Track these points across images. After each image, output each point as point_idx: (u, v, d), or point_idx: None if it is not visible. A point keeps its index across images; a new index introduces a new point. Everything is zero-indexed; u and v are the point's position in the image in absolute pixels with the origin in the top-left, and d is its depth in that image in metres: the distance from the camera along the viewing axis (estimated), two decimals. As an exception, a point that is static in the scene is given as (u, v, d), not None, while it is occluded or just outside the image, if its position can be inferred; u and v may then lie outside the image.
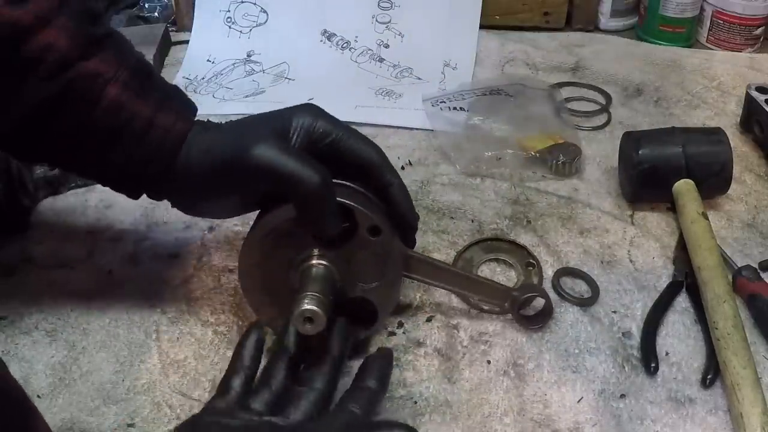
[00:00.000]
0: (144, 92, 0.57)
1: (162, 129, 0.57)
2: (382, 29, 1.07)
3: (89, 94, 0.55)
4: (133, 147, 0.57)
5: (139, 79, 0.57)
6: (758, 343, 0.64)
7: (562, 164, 0.83)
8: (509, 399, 0.60)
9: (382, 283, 0.60)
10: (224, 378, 0.53)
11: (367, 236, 0.57)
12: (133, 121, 0.56)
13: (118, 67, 0.56)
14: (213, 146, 0.58)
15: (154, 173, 0.58)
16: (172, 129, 0.57)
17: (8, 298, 0.68)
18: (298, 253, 0.58)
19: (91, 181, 0.73)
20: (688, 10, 1.07)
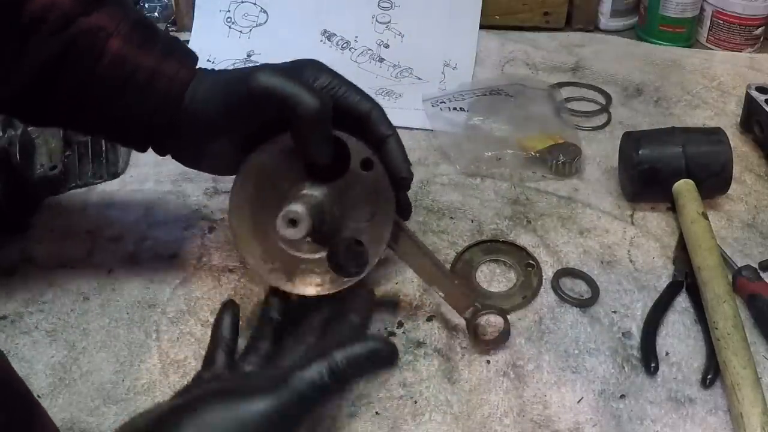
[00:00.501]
0: (146, 44, 0.59)
1: (166, 78, 0.58)
2: (382, 29, 1.07)
3: (92, 48, 0.56)
4: (138, 98, 0.58)
5: (140, 31, 0.59)
6: (758, 343, 0.64)
7: (562, 164, 0.83)
8: (509, 399, 0.60)
9: (373, 222, 0.58)
10: (207, 353, 0.55)
11: (359, 170, 0.56)
12: (137, 72, 0.57)
13: (119, 21, 0.57)
14: (217, 82, 0.59)
15: (161, 123, 0.59)
16: (176, 77, 0.59)
17: (8, 298, 0.69)
18: (290, 187, 0.57)
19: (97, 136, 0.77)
20: (688, 10, 1.07)
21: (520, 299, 0.68)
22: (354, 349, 0.45)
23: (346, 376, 0.44)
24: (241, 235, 0.60)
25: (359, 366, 0.45)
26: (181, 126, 0.59)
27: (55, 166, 0.80)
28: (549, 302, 0.68)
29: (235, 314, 0.57)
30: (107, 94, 0.58)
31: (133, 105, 0.58)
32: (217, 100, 0.58)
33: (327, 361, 0.44)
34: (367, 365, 0.46)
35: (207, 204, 0.79)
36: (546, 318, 0.66)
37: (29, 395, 0.44)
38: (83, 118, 0.60)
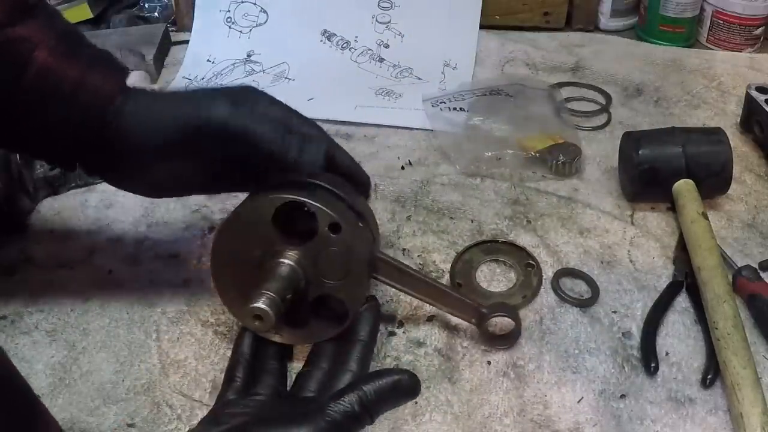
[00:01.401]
0: (72, 55, 0.57)
1: (90, 90, 0.57)
2: (382, 29, 1.07)
3: (18, 59, 0.55)
4: (62, 110, 0.56)
5: (66, 43, 0.57)
6: (758, 343, 0.64)
7: (562, 164, 0.83)
8: (509, 399, 0.60)
9: (349, 280, 0.58)
10: (227, 369, 0.58)
11: (328, 233, 0.56)
12: (62, 84, 0.56)
13: (46, 32, 0.56)
14: (158, 105, 0.58)
15: (87, 139, 0.57)
16: (99, 90, 0.57)
17: (8, 298, 0.68)
18: (263, 251, 0.58)
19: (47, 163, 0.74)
20: (688, 10, 1.07)
21: (520, 299, 0.68)
22: (382, 383, 0.49)
23: (376, 407, 0.49)
24: (222, 283, 0.61)
25: (386, 397, 0.50)
26: (111, 145, 0.58)
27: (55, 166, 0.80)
28: (549, 302, 0.68)
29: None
30: (32, 108, 0.56)
31: (57, 118, 0.57)
32: (159, 125, 0.57)
33: (358, 394, 0.48)
34: (393, 396, 0.50)
35: (207, 204, 0.79)
36: (546, 318, 0.66)
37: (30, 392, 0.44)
38: (7, 134, 0.59)
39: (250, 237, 0.58)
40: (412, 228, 0.76)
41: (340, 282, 0.58)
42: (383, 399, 0.49)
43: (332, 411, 0.47)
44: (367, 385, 0.49)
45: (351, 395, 0.48)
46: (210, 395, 0.60)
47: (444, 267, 0.71)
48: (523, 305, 0.67)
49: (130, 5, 1.17)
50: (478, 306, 0.62)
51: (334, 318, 0.59)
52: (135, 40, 1.05)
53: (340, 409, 0.48)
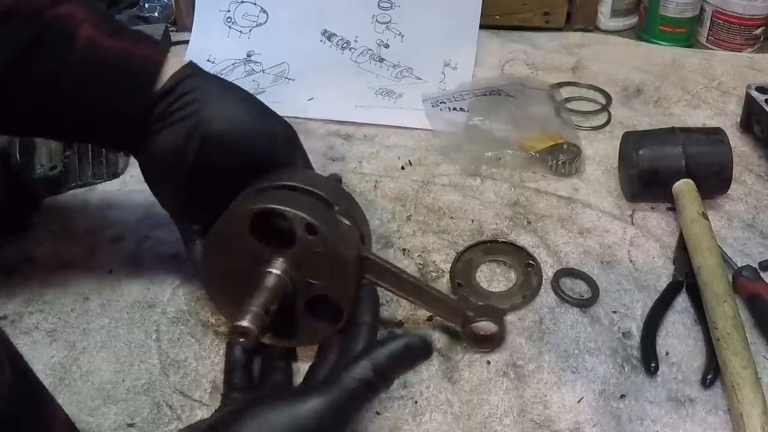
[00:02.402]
0: (116, 31, 0.59)
1: (141, 57, 0.59)
2: (382, 29, 1.07)
3: (64, 34, 0.56)
4: (112, 82, 0.58)
5: (108, 21, 0.59)
6: (758, 343, 0.64)
7: (562, 164, 0.83)
8: (509, 400, 0.60)
9: (337, 280, 0.57)
10: (225, 377, 0.57)
11: (306, 236, 0.56)
12: (110, 57, 0.58)
13: (89, 11, 0.58)
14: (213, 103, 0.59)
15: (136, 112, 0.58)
16: (151, 57, 0.59)
17: (8, 298, 0.69)
18: (251, 260, 0.57)
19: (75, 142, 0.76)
20: (688, 10, 1.07)
21: (520, 299, 0.68)
22: (393, 346, 0.48)
23: (390, 371, 0.48)
24: (219, 299, 0.61)
25: (399, 361, 0.49)
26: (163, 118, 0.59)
27: (55, 166, 0.80)
28: (549, 302, 0.68)
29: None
30: (83, 80, 0.57)
31: (107, 91, 0.58)
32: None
33: (371, 360, 0.47)
34: (406, 359, 0.49)
35: (207, 204, 0.79)
36: (546, 318, 0.66)
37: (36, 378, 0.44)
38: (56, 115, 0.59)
39: (234, 251, 0.57)
40: (412, 228, 0.76)
41: (329, 283, 0.57)
42: (396, 363, 0.48)
43: (346, 380, 0.47)
44: (379, 350, 0.48)
45: (363, 362, 0.47)
46: (210, 395, 0.60)
47: (444, 267, 0.71)
48: (523, 305, 0.67)
49: (130, 5, 1.17)
50: (462, 309, 0.62)
51: (331, 317, 0.58)
52: (135, 40, 1.05)
53: (353, 377, 0.47)
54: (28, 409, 0.41)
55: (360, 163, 0.86)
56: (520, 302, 0.67)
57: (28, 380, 0.43)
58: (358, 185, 0.82)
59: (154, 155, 0.60)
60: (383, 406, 0.59)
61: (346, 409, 0.47)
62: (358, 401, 0.48)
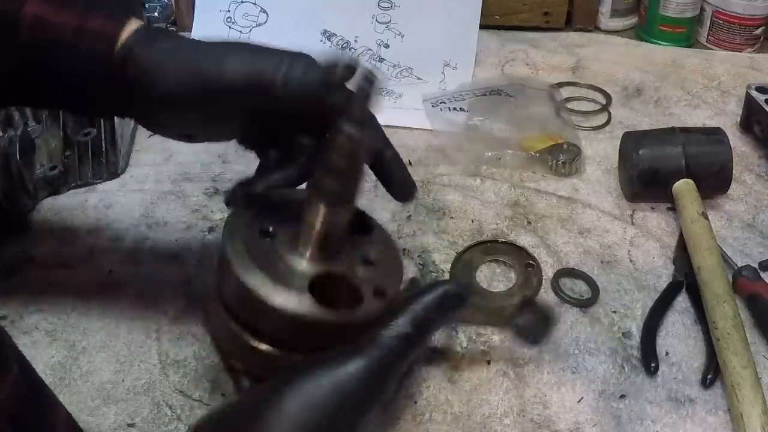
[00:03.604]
0: (65, 2, 0.54)
1: (90, 34, 0.53)
2: (382, 29, 1.07)
3: (7, 15, 0.53)
4: (66, 58, 0.54)
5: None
6: (758, 343, 0.64)
7: (562, 164, 0.83)
8: (509, 400, 0.60)
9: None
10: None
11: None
12: (60, 32, 0.53)
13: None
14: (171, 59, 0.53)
15: (100, 84, 0.54)
16: (102, 32, 0.54)
17: (8, 298, 0.68)
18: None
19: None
20: (688, 10, 1.07)
21: (520, 299, 0.68)
22: (429, 297, 0.47)
23: (428, 324, 0.47)
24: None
25: (437, 312, 0.47)
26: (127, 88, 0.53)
27: (55, 166, 0.80)
28: (549, 302, 0.68)
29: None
30: (34, 61, 0.54)
31: (62, 67, 0.54)
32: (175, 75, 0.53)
33: (409, 315, 0.46)
34: (443, 309, 0.48)
35: (207, 204, 0.79)
36: (546, 318, 0.66)
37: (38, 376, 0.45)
38: (19, 90, 0.56)
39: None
40: (412, 228, 0.76)
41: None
42: (434, 315, 0.47)
43: (384, 338, 0.45)
44: (415, 304, 0.47)
45: (401, 319, 0.46)
46: (210, 395, 0.60)
47: (444, 267, 0.71)
48: (523, 305, 0.67)
49: (130, 5, 1.17)
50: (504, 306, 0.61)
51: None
52: (135, 40, 1.05)
53: (392, 335, 0.45)
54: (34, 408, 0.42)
55: (360, 163, 0.86)
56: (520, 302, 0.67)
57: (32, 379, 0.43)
58: (358, 185, 0.82)
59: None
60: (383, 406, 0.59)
61: (388, 368, 0.45)
62: (399, 359, 0.46)
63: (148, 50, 0.53)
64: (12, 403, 0.39)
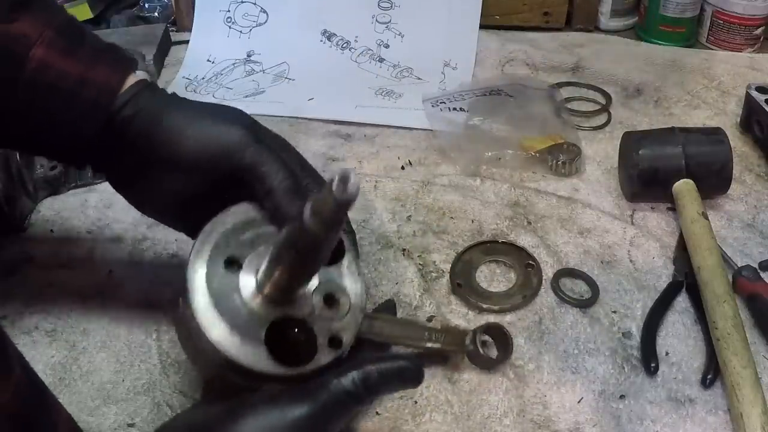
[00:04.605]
0: (72, 50, 0.56)
1: (92, 85, 0.55)
2: (382, 29, 1.07)
3: (15, 56, 0.54)
4: (65, 106, 0.55)
5: (66, 37, 0.56)
6: (758, 343, 0.64)
7: (562, 164, 0.83)
8: (509, 400, 0.60)
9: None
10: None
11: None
12: (63, 80, 0.55)
13: (43, 28, 0.55)
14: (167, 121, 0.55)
15: (92, 136, 0.56)
16: (103, 84, 0.55)
17: (8, 298, 0.68)
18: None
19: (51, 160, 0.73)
20: (688, 10, 1.07)
21: (520, 299, 0.68)
22: (386, 365, 0.49)
23: (377, 388, 0.48)
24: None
25: (389, 380, 0.49)
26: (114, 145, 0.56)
27: (55, 166, 0.80)
28: (549, 302, 0.68)
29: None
30: (33, 104, 0.55)
31: (59, 114, 0.55)
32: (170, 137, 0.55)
33: (363, 372, 0.48)
34: (395, 381, 0.49)
35: (207, 204, 0.79)
36: (546, 318, 0.66)
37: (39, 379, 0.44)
38: (13, 132, 0.57)
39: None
40: (412, 228, 0.76)
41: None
42: (386, 383, 0.49)
43: (335, 387, 0.47)
44: (372, 365, 0.48)
45: (355, 373, 0.47)
46: (210, 395, 0.60)
47: (444, 267, 0.71)
48: (523, 305, 0.67)
49: (130, 5, 1.17)
50: (461, 333, 0.61)
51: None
52: (135, 40, 1.05)
53: (343, 385, 0.47)
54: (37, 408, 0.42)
55: (360, 163, 0.86)
56: (520, 302, 0.67)
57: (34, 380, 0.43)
58: (358, 185, 0.82)
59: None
60: (383, 407, 0.59)
61: (332, 416, 0.47)
62: (343, 410, 0.48)
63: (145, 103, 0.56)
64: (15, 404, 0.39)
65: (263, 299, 0.51)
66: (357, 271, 0.57)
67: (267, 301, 0.51)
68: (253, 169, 0.54)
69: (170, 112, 0.56)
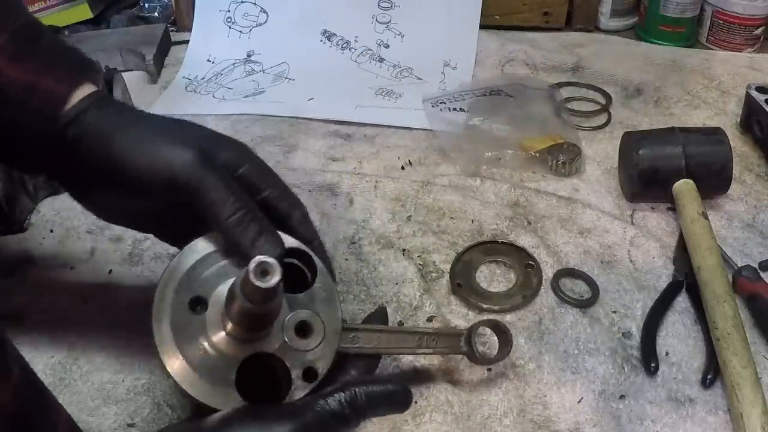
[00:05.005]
0: (22, 57, 0.53)
1: (41, 93, 0.52)
2: (382, 29, 1.07)
3: None
4: (12, 115, 0.52)
5: (19, 43, 0.53)
6: (758, 343, 0.64)
7: (562, 164, 0.83)
8: (509, 400, 0.60)
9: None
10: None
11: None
12: (9, 88, 0.52)
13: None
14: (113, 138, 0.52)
15: (42, 145, 0.53)
16: (51, 93, 0.52)
17: (8, 298, 0.68)
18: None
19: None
20: (688, 10, 1.07)
21: (520, 299, 0.68)
22: (374, 388, 0.48)
23: (364, 410, 0.48)
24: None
25: (376, 405, 0.48)
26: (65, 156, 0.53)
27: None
28: (549, 302, 0.68)
29: None
30: None
31: (7, 123, 0.52)
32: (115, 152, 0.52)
33: (349, 394, 0.47)
34: (383, 405, 0.49)
35: (207, 204, 0.79)
36: (546, 318, 0.66)
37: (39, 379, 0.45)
38: None
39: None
40: (412, 228, 0.76)
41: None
42: (373, 406, 0.48)
43: (320, 408, 0.46)
44: (360, 387, 0.48)
45: (342, 395, 0.47)
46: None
47: (444, 267, 0.71)
48: (523, 305, 0.67)
49: (130, 5, 1.17)
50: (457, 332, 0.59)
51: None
52: (135, 40, 1.05)
53: (329, 406, 0.47)
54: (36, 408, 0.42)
55: (360, 163, 0.86)
56: (520, 302, 0.67)
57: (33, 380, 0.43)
58: (358, 185, 0.82)
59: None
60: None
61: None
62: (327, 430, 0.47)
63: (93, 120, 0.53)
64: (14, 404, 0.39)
65: (230, 339, 0.50)
66: (332, 294, 0.54)
67: (235, 340, 0.50)
68: (201, 197, 0.51)
69: (118, 132, 0.53)
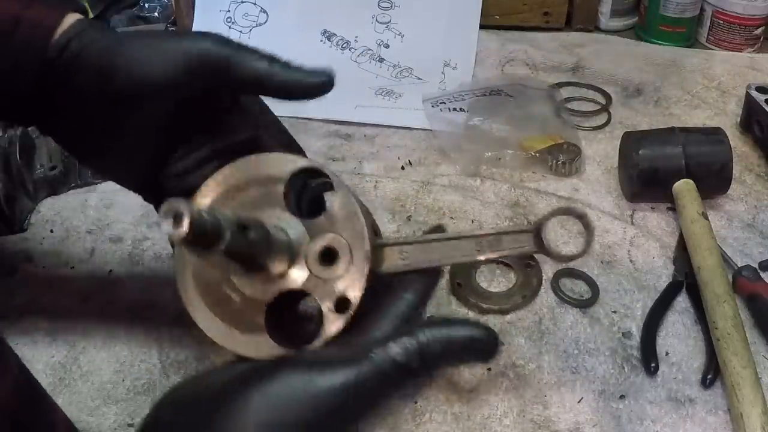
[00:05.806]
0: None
1: (28, 23, 0.49)
2: (382, 29, 1.07)
3: None
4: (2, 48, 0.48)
5: None
6: (758, 343, 0.64)
7: (562, 164, 0.83)
8: (509, 400, 0.60)
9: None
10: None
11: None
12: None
13: None
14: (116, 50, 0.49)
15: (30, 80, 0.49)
16: (40, 22, 0.49)
17: (8, 298, 0.68)
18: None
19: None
20: (688, 10, 1.07)
21: (520, 299, 0.68)
22: (453, 332, 0.39)
23: (436, 361, 0.39)
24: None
25: (452, 353, 0.39)
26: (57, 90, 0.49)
27: (55, 166, 0.80)
28: (549, 302, 0.68)
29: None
30: None
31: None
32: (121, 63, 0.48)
33: (416, 340, 0.38)
34: (460, 354, 0.40)
35: (207, 204, 0.79)
36: (546, 318, 0.66)
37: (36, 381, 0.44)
38: None
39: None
40: (412, 228, 0.76)
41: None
42: (448, 356, 0.39)
43: (379, 356, 0.38)
44: (432, 330, 0.39)
45: (407, 339, 0.38)
46: (210, 395, 0.60)
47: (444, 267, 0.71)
48: (522, 305, 0.67)
49: (130, 5, 1.17)
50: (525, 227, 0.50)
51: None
52: (135, 40, 1.05)
53: (390, 355, 0.38)
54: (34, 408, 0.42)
55: (360, 163, 0.86)
56: (520, 302, 0.67)
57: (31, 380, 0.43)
58: (358, 185, 0.82)
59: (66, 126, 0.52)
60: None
61: (372, 392, 0.38)
62: (387, 385, 0.38)
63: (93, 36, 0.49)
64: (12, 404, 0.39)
65: (248, 282, 0.47)
66: (353, 211, 0.47)
67: (258, 281, 0.46)
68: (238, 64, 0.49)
69: (125, 40, 0.49)
